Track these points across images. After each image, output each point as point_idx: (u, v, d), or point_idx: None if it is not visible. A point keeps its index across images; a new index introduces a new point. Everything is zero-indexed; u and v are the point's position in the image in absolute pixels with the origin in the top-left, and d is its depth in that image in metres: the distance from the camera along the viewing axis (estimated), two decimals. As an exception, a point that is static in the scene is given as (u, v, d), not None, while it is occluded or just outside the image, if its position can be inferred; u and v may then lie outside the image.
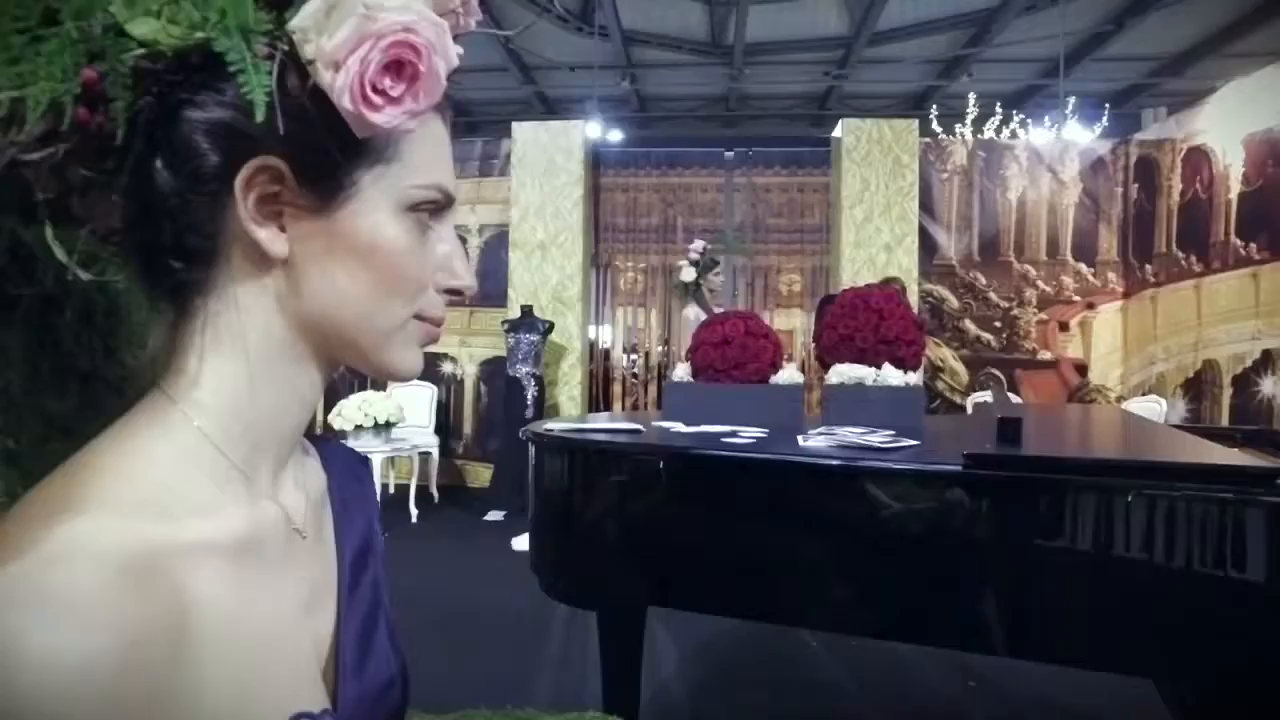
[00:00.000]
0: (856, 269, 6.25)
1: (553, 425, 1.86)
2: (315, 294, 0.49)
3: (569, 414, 6.20)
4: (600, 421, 2.02)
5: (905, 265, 6.20)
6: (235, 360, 0.49)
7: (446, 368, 6.28)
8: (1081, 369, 6.22)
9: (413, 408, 5.44)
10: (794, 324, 7.08)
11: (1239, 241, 4.92)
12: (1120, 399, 5.93)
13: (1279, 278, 4.59)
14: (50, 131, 0.45)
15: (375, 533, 0.66)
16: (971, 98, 8.06)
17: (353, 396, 4.77)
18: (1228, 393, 4.97)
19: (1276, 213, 4.63)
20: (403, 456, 5.21)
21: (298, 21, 0.40)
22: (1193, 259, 5.37)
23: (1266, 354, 4.66)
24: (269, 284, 0.49)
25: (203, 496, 0.47)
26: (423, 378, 5.95)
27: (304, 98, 0.44)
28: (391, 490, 5.41)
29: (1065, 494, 1.25)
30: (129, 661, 0.37)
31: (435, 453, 5.55)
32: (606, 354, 7.01)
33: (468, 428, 6.40)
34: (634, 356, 7.11)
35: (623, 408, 6.95)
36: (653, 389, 7.18)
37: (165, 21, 0.40)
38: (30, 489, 0.46)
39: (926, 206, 6.29)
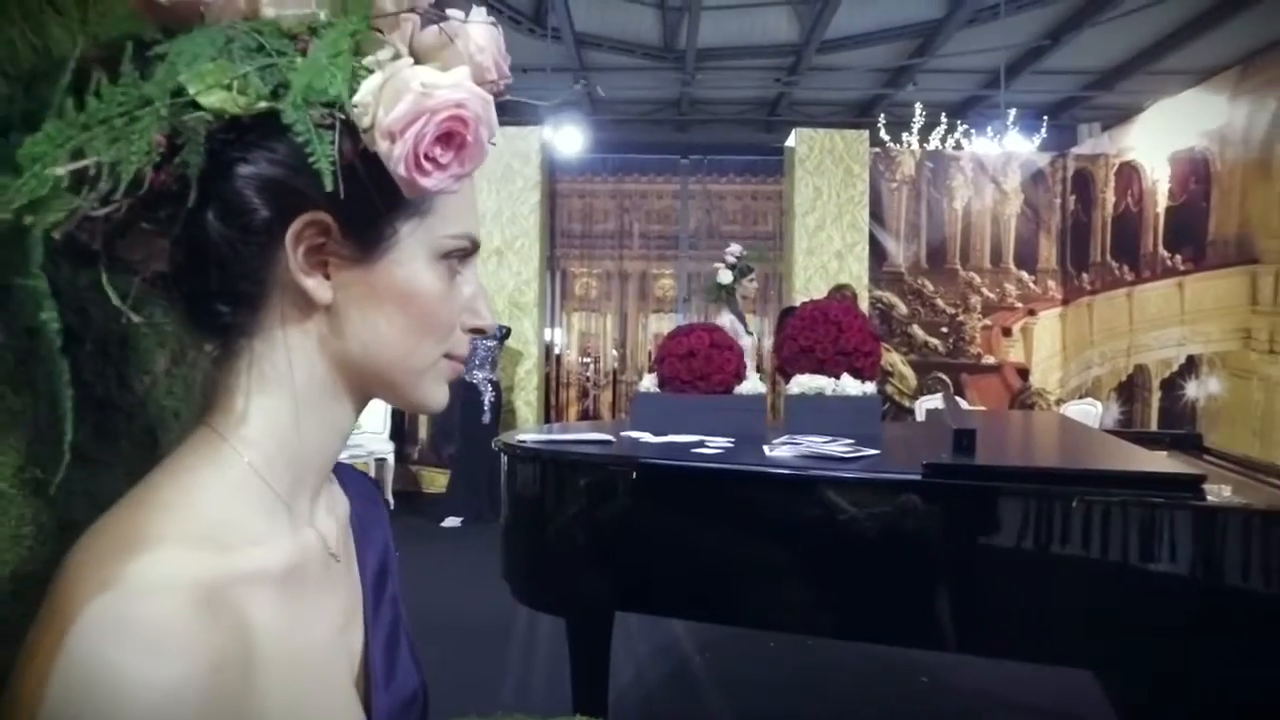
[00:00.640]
0: (809, 275, 6.39)
1: (526, 436, 1.90)
2: (356, 336, 0.53)
3: (525, 419, 6.22)
4: (572, 432, 2.07)
5: (856, 272, 6.36)
6: (280, 398, 0.53)
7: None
8: (1023, 373, 6.45)
9: (367, 414, 5.33)
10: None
11: (1166, 253, 5.18)
12: (1059, 402, 6.18)
13: (1201, 288, 4.85)
14: (113, 188, 0.48)
15: (391, 552, 0.69)
16: (918, 107, 8.31)
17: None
18: (1156, 396, 5.22)
19: (1199, 227, 4.88)
20: (358, 463, 5.17)
21: (359, 97, 0.44)
22: (1125, 268, 5.62)
23: (1191, 359, 4.91)
24: (311, 327, 0.53)
25: (254, 527, 0.50)
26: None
27: (354, 159, 0.48)
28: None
29: (1015, 500, 1.34)
30: (211, 685, 0.41)
31: (390, 459, 5.51)
32: (559, 359, 7.04)
33: (423, 433, 6.37)
34: (586, 360, 7.15)
35: (578, 414, 6.98)
36: (607, 395, 7.23)
37: (235, 93, 0.43)
38: (92, 522, 0.49)
39: (876, 215, 6.46)
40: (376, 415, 5.67)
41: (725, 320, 4.66)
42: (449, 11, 0.50)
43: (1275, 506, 1.42)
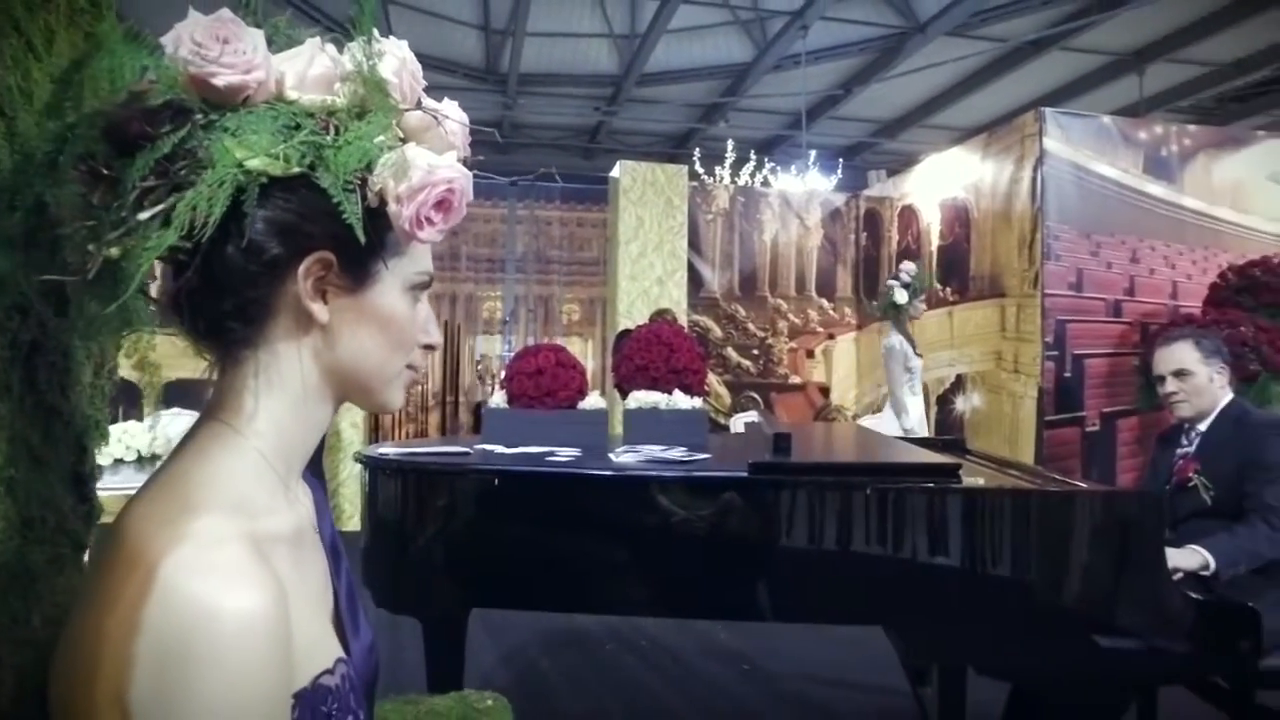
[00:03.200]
0: (632, 300, 6.71)
1: (387, 450, 1.99)
2: (345, 349, 0.67)
3: (351, 442, 6.07)
4: (429, 446, 2.17)
5: (675, 297, 6.76)
6: (282, 399, 0.66)
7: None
8: (825, 391, 7.12)
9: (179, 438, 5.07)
10: (574, 351, 7.42)
11: (939, 286, 5.96)
12: (855, 417, 6.87)
13: (965, 316, 5.64)
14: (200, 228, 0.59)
15: (336, 531, 0.82)
16: (730, 143, 8.97)
17: (112, 428, 4.38)
18: (934, 409, 5.97)
19: (963, 265, 5.68)
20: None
21: (379, 171, 0.59)
22: (907, 298, 6.39)
23: (959, 377, 5.68)
24: (308, 341, 0.66)
25: (266, 500, 0.63)
26: (188, 405, 5.57)
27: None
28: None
29: (823, 491, 1.62)
30: (275, 611, 0.54)
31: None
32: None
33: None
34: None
35: (405, 436, 6.89)
36: (435, 416, 7.19)
37: (280, 160, 0.57)
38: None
39: (694, 244, 6.90)
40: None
41: (894, 341, 4.36)
42: (427, 103, 0.66)
43: (1012, 489, 1.81)
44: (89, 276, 0.55)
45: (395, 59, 0.61)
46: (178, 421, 5.22)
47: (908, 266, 4.46)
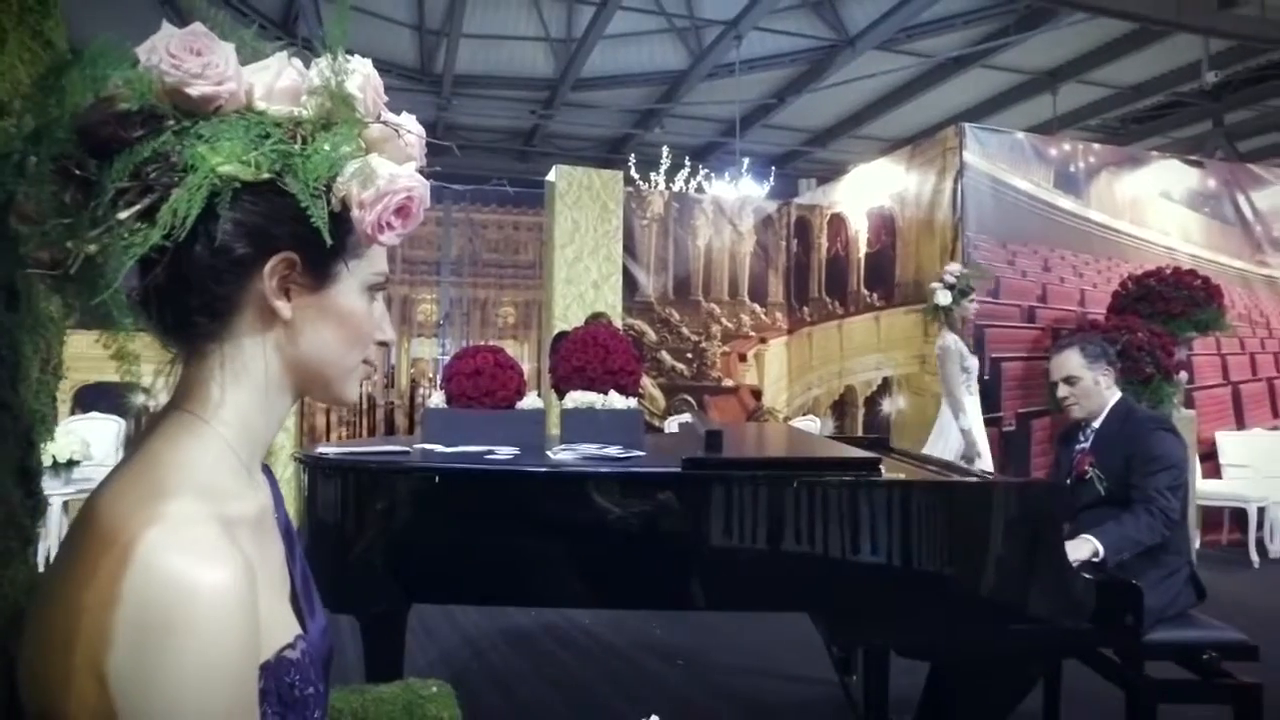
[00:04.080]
0: (567, 304, 6.75)
1: (326, 449, 2.00)
2: (307, 344, 0.71)
3: (281, 445, 5.95)
4: (368, 446, 2.18)
5: (611, 301, 6.82)
6: (246, 391, 0.70)
7: (138, 399, 5.71)
8: (757, 394, 7.28)
9: (97, 443, 4.91)
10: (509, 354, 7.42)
11: (866, 292, 6.17)
12: (787, 419, 7.05)
13: (891, 321, 5.86)
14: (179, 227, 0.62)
15: (289, 519, 0.86)
16: (665, 149, 9.10)
17: (26, 432, 4.21)
18: (861, 411, 6.17)
19: (889, 271, 5.91)
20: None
21: (343, 179, 0.64)
22: (836, 304, 6.60)
23: (885, 380, 5.89)
24: (271, 336, 0.70)
25: (231, 485, 0.67)
26: (110, 410, 5.39)
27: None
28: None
29: (752, 485, 1.71)
30: (245, 586, 0.59)
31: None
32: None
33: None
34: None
35: (337, 438, 6.78)
36: (368, 419, 7.10)
37: (251, 166, 0.62)
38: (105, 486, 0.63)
39: (629, 249, 6.98)
40: (108, 445, 5.17)
41: (948, 341, 4.23)
42: (388, 116, 0.71)
43: (932, 480, 1.93)
44: (71, 271, 0.58)
45: (360, 76, 0.66)
46: (92, 424, 5.06)
47: (952, 267, 4.40)
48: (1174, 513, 2.16)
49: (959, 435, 4.10)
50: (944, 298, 4.21)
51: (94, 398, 5.40)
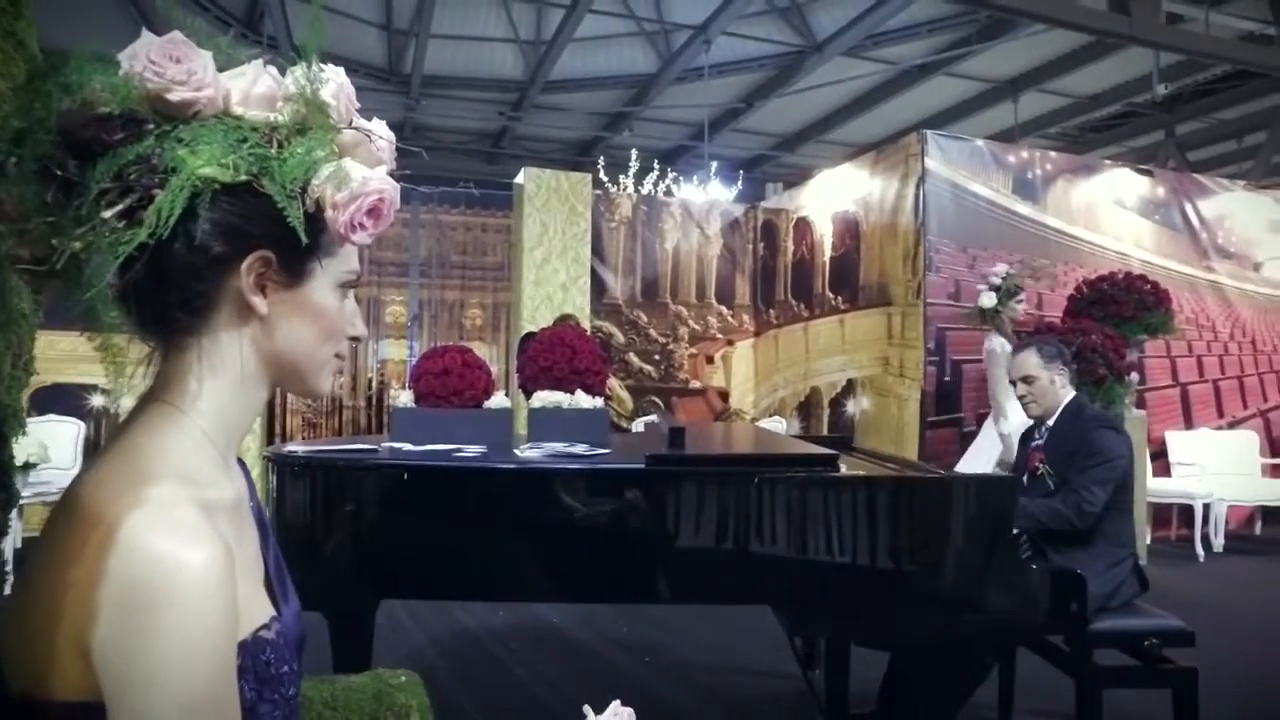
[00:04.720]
0: (536, 306, 6.77)
1: (296, 448, 2.01)
2: (282, 338, 0.75)
3: (247, 447, 5.90)
4: (337, 444, 2.20)
5: (579, 304, 6.85)
6: (223, 383, 0.73)
7: (97, 400, 5.62)
8: (724, 395, 7.36)
9: (55, 446, 4.83)
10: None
11: (831, 294, 6.28)
12: (754, 419, 7.13)
13: (855, 324, 5.96)
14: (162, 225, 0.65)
15: (262, 507, 0.89)
16: (634, 152, 9.15)
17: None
18: (827, 412, 6.27)
19: (853, 275, 6.01)
20: (49, 502, 4.59)
21: (318, 181, 0.67)
22: (802, 306, 6.69)
23: (850, 382, 5.99)
24: (247, 330, 0.73)
25: (209, 473, 0.70)
26: (68, 412, 5.31)
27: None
28: (20, 546, 4.68)
29: (715, 481, 1.76)
30: (225, 566, 0.62)
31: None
32: (284, 384, 6.74)
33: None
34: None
35: (303, 438, 6.73)
36: (335, 420, 7.06)
37: (229, 169, 0.65)
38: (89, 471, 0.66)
39: (598, 251, 7.02)
40: (66, 447, 5.09)
41: (995, 344, 4.16)
42: (359, 122, 0.75)
43: (891, 475, 2.00)
44: (57, 266, 0.61)
45: (335, 84, 0.69)
46: (49, 426, 4.98)
47: (998, 269, 4.36)
48: (1092, 506, 2.26)
49: (996, 440, 4.05)
50: (988, 300, 4.17)
51: (51, 400, 5.31)
